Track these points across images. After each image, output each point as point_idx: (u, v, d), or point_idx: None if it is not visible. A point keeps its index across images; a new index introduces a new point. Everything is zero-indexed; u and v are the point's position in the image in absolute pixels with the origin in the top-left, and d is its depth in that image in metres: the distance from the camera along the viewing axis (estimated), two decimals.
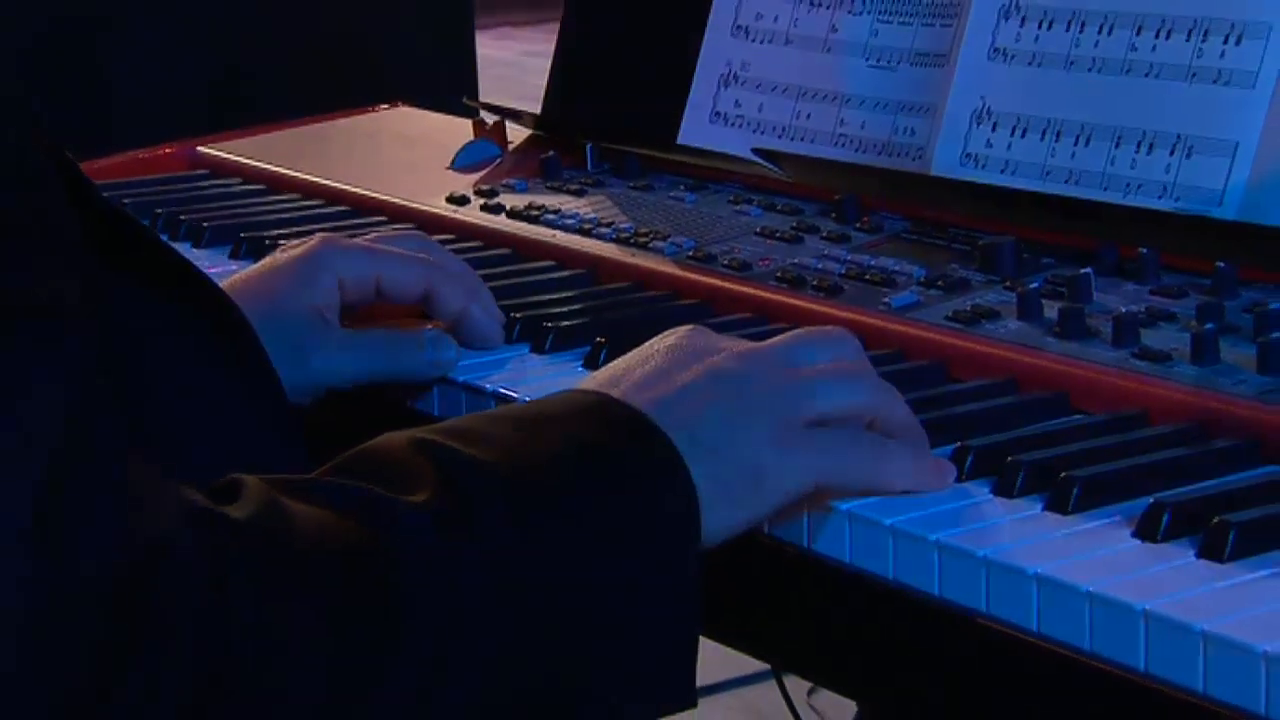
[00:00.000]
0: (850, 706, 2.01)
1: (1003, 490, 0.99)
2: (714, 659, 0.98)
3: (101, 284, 0.97)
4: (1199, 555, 0.91)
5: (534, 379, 1.21)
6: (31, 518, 0.76)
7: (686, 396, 1.00)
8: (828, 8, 1.56)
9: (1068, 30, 1.38)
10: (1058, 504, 0.97)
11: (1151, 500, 0.94)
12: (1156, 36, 1.33)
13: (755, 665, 1.98)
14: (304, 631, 0.83)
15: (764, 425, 0.99)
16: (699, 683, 0.97)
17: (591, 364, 1.21)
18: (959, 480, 1.01)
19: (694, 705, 0.96)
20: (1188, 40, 1.32)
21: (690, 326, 1.06)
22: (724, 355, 1.03)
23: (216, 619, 0.81)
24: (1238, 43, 1.29)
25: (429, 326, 1.26)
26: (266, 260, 1.27)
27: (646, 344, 1.05)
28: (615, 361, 1.05)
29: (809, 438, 1.00)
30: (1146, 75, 1.33)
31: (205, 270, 1.38)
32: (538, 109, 1.78)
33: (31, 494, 0.76)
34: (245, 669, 0.81)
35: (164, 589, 0.79)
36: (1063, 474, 0.98)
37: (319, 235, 1.27)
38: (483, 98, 1.95)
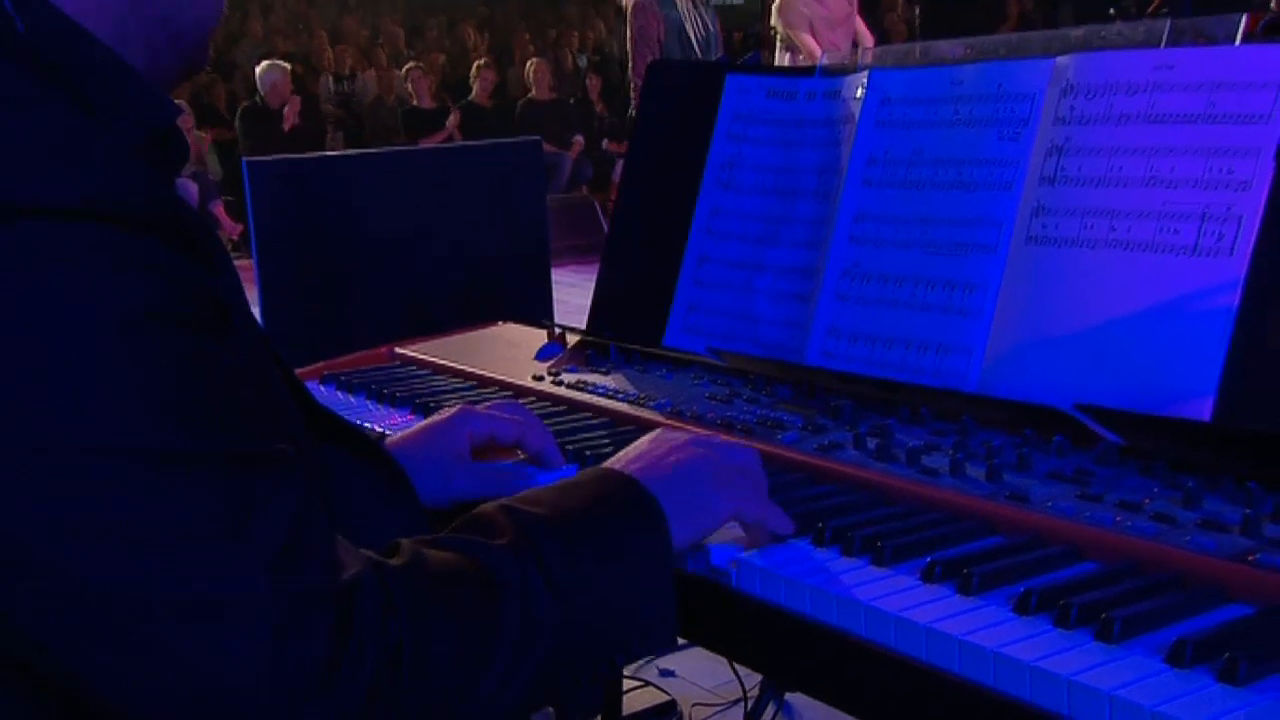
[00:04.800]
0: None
1: (846, 553, 0.99)
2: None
3: (313, 444, 0.99)
4: (956, 592, 0.91)
5: None
6: (272, 579, 0.77)
7: (660, 465, 1.01)
8: (748, 270, 1.57)
9: (879, 284, 1.39)
10: (878, 560, 0.97)
11: (929, 559, 0.94)
12: (928, 289, 1.34)
13: None
14: (440, 626, 0.83)
15: (707, 478, 1.00)
16: (681, 643, 0.97)
17: None
18: (821, 546, 1.01)
19: (675, 646, 0.95)
20: (944, 290, 1.32)
21: (660, 429, 1.07)
22: (681, 444, 1.04)
23: (389, 624, 0.81)
24: (971, 292, 1.30)
25: (521, 458, 1.26)
26: (429, 420, 1.26)
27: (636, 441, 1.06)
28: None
29: (732, 487, 1.01)
30: (922, 309, 1.34)
31: (395, 421, 1.39)
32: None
33: (270, 562, 0.77)
34: (408, 651, 0.81)
35: (359, 608, 0.80)
36: (879, 543, 0.98)
37: (460, 406, 1.27)
38: (564, 309, 1.94)
